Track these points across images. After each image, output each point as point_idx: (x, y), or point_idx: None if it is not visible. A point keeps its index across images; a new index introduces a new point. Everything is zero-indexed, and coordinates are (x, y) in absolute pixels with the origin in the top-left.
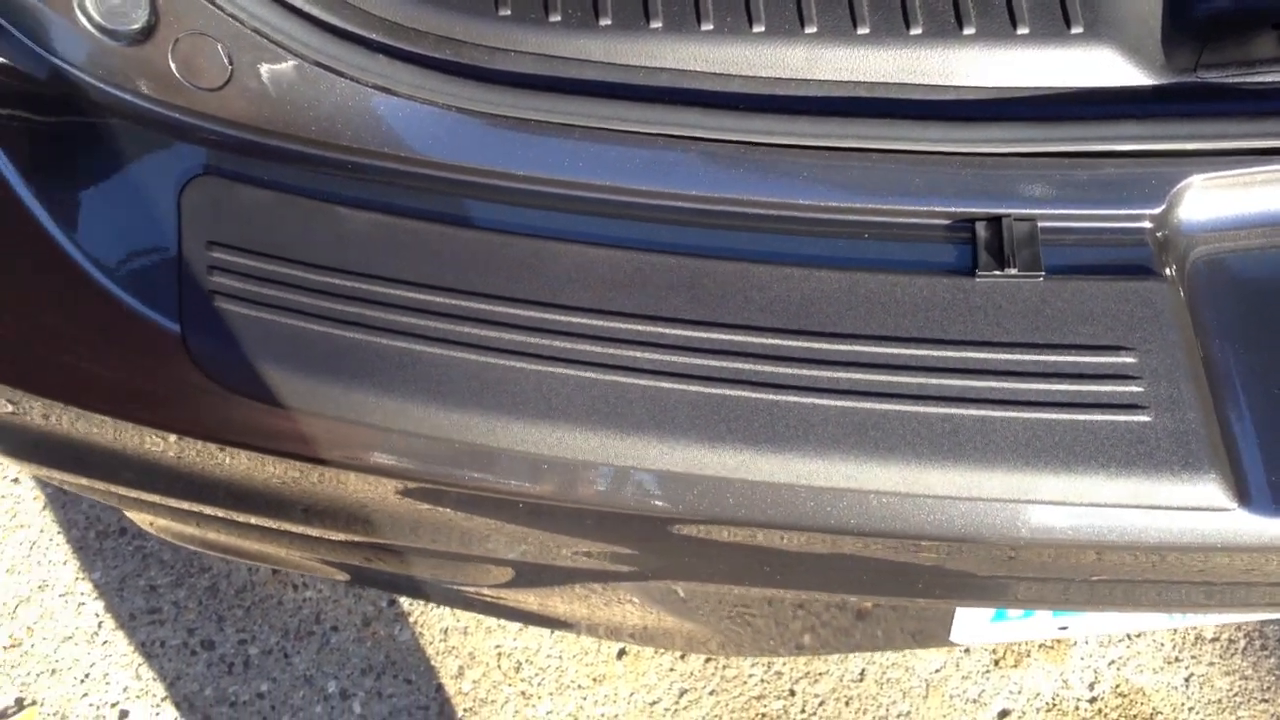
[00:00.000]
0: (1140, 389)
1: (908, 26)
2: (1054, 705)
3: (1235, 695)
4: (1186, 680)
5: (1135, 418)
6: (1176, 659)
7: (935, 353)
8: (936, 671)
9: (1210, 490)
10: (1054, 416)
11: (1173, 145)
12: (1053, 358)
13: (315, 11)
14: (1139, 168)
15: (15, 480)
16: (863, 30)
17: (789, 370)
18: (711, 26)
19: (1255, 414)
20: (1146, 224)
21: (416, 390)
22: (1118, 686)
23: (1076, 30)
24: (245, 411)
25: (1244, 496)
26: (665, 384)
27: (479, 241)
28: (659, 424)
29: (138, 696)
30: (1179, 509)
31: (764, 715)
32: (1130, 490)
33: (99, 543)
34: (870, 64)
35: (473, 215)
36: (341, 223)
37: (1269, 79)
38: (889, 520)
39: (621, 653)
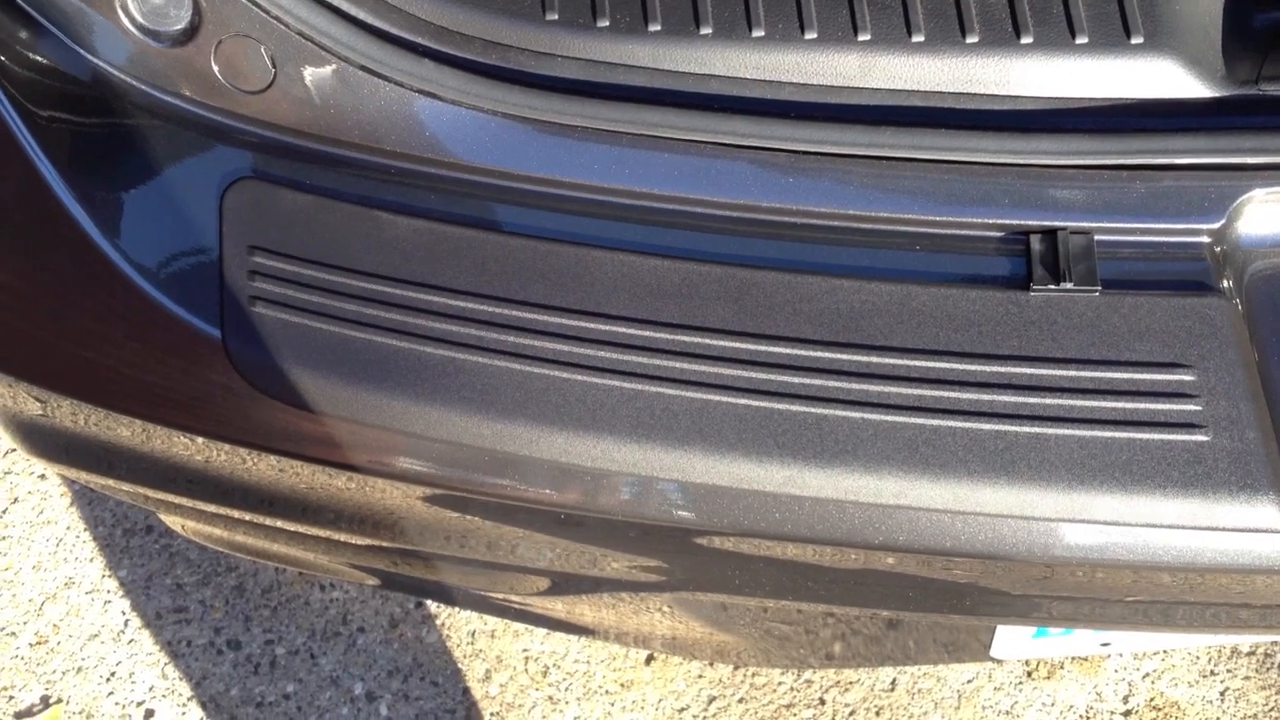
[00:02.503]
0: (1198, 407)
1: (964, 34)
2: (1087, 718)
3: (1271, 710)
4: (1222, 694)
5: (1192, 437)
6: (1212, 673)
7: (988, 368)
8: (969, 682)
9: (1269, 511)
10: (1109, 435)
11: (1233, 159)
12: (1108, 374)
13: (360, 14)
14: (1198, 181)
15: (42, 477)
16: (918, 38)
17: (838, 384)
18: (763, 33)
19: None
20: (1205, 238)
21: (458, 399)
22: (1152, 700)
23: (1136, 40)
24: (285, 417)
25: None
26: (711, 396)
27: (522, 249)
28: (705, 437)
29: (163, 695)
30: (1237, 530)
31: None
32: (1187, 511)
33: (126, 540)
34: (925, 72)
35: (516, 222)
36: (383, 228)
37: None
38: (940, 538)
39: (650, 658)
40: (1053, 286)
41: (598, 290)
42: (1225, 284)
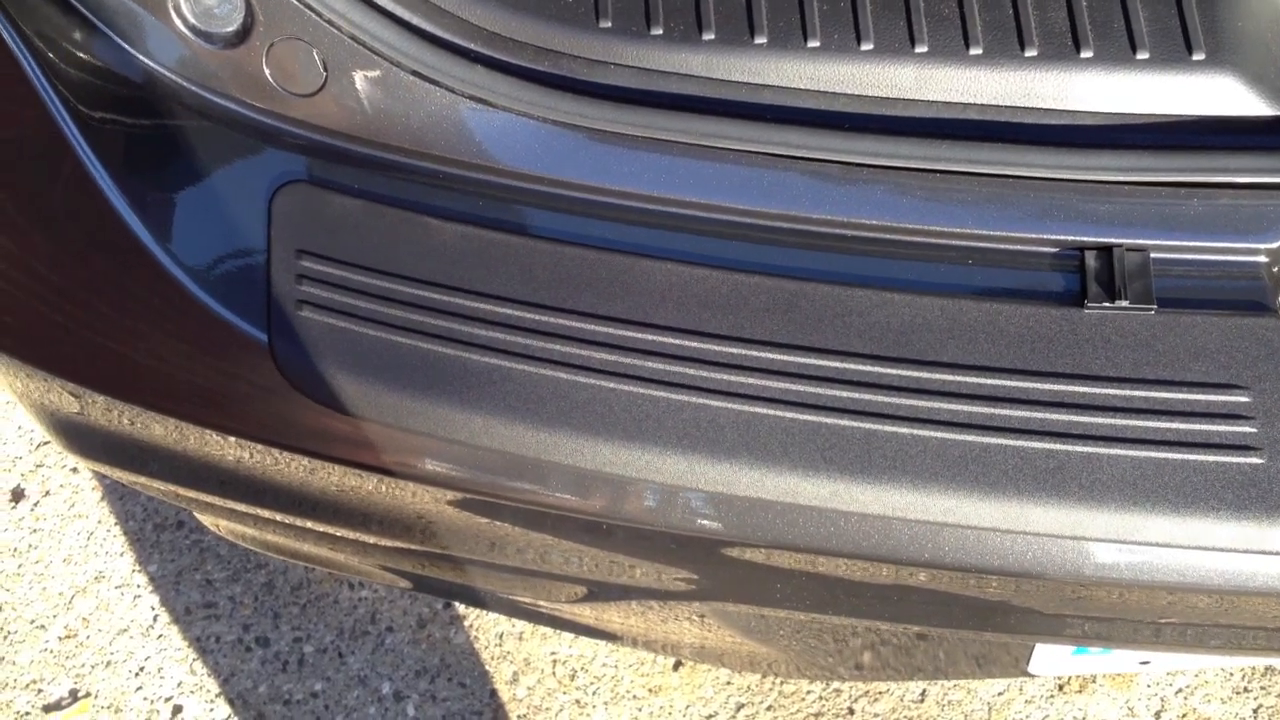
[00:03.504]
0: (1253, 429)
1: (1023, 48)
2: None
3: None
4: (1255, 711)
5: (1248, 459)
6: (1245, 689)
7: (1040, 385)
8: (1000, 695)
9: None
10: (1163, 455)
11: None
12: (1163, 394)
13: (413, 19)
14: (1256, 200)
15: (74, 470)
16: (975, 50)
17: (887, 399)
18: (818, 43)
19: None
20: (1263, 258)
21: (504, 408)
22: (1184, 716)
23: (1198, 57)
24: (330, 423)
25: None
26: (758, 409)
27: (570, 256)
28: (752, 450)
29: (192, 692)
30: None
31: None
32: (1241, 534)
33: (156, 535)
34: (982, 85)
35: (565, 230)
36: (432, 234)
37: None
38: (989, 557)
39: (677, 664)
40: (1108, 304)
41: (645, 300)
42: None
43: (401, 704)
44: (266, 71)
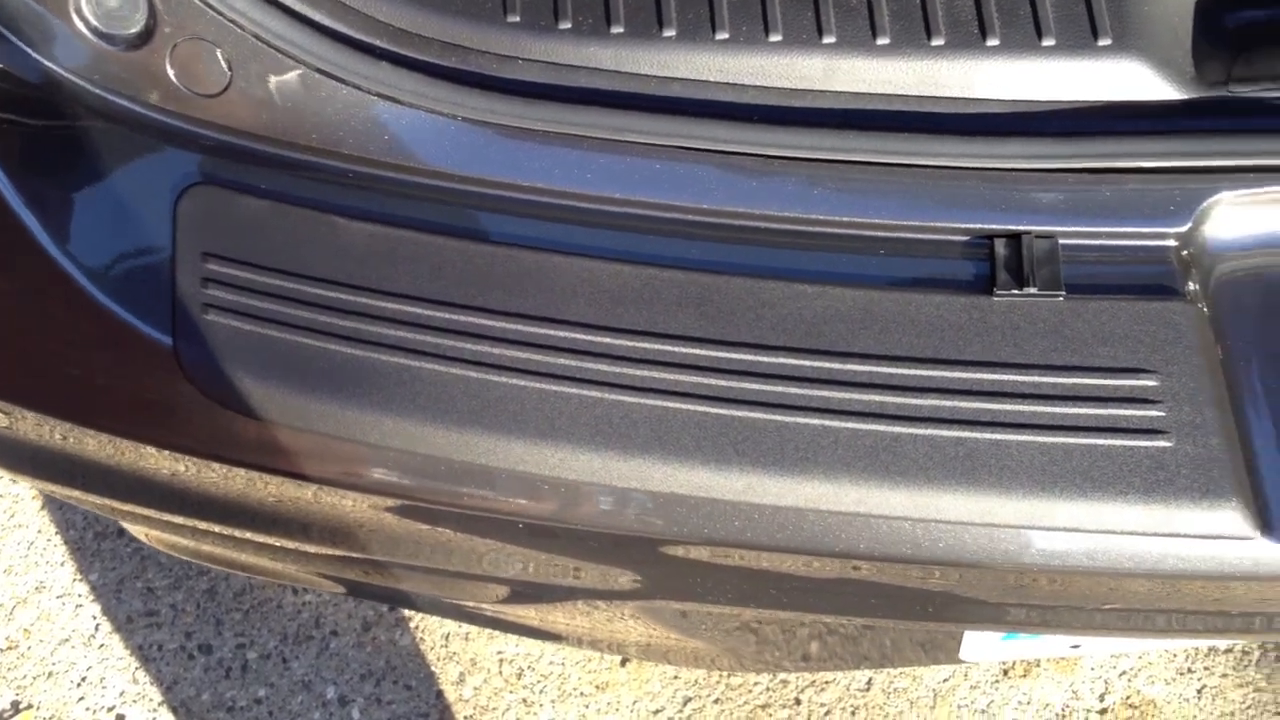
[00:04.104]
0: (1161, 413)
1: (929, 37)
2: (1063, 717)
3: (1249, 708)
4: (1199, 692)
5: (1156, 443)
6: (1189, 670)
7: (950, 374)
8: (944, 681)
9: (1231, 518)
10: (1072, 441)
11: (1200, 161)
12: (1071, 380)
13: (316, 16)
14: (1165, 184)
15: (14, 480)
16: (883, 40)
17: (799, 391)
18: (727, 35)
19: (1279, 439)
20: (1171, 242)
21: (414, 408)
22: (1128, 698)
23: (1104, 42)
24: (238, 427)
25: (1266, 525)
26: (672, 403)
27: (482, 254)
28: (664, 445)
29: (134, 701)
30: (1199, 537)
31: None
32: (1149, 517)
33: (97, 544)
34: (890, 75)
35: (476, 227)
36: (340, 234)
37: None
38: (900, 546)
39: (625, 660)
40: (1016, 291)
41: (558, 296)
42: (1191, 288)
43: (347, 708)
44: (170, 72)
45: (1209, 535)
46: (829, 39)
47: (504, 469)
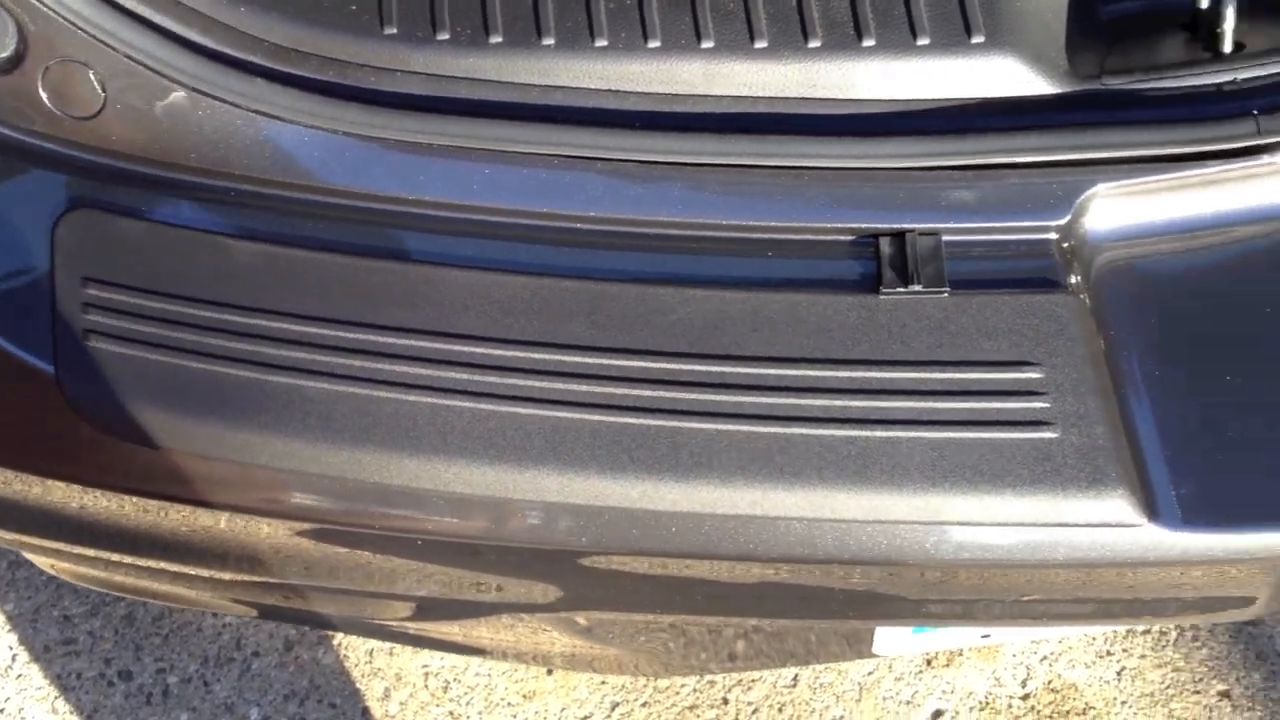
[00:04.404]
0: (1046, 405)
1: (806, 39)
2: (987, 704)
3: (1168, 688)
4: (1119, 674)
5: (1042, 434)
6: (1108, 653)
7: (840, 373)
8: (869, 674)
9: (1118, 506)
10: (960, 435)
11: (1077, 155)
12: (958, 375)
13: (189, 34)
14: (1043, 178)
15: None
16: (761, 44)
17: (692, 396)
18: (606, 43)
19: (1162, 426)
20: (1052, 235)
21: (303, 427)
22: (1050, 683)
23: (978, 40)
24: (124, 455)
25: (1153, 511)
26: (565, 414)
27: (369, 270)
28: (558, 455)
29: None
30: (1088, 526)
31: None
32: (1039, 508)
33: (11, 572)
34: (769, 78)
35: (362, 243)
36: (224, 254)
37: (1172, 84)
38: (797, 546)
39: (552, 668)
40: (902, 289)
41: (447, 309)
42: (1073, 279)
43: None
44: (43, 96)
45: (1098, 524)
46: (707, 43)
47: (398, 486)
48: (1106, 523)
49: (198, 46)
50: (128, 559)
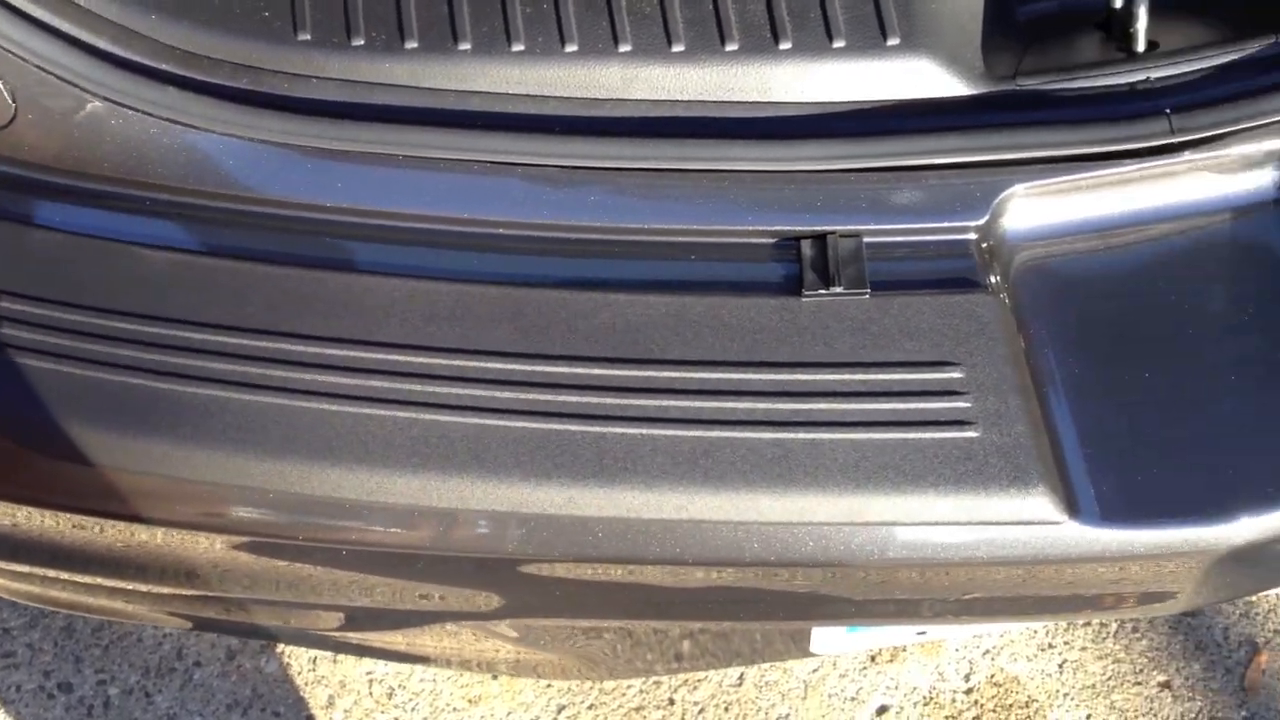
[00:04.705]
0: (967, 404)
1: (723, 42)
2: (931, 699)
3: (1109, 679)
4: (1060, 666)
5: (963, 434)
6: (1050, 645)
7: (763, 376)
8: (814, 672)
9: (1040, 503)
10: (883, 436)
11: (993, 155)
12: (880, 376)
13: (99, 43)
14: (961, 179)
15: None
16: (678, 47)
17: (616, 400)
18: (523, 47)
19: (1081, 424)
20: (971, 235)
21: (224, 439)
22: (993, 676)
23: (893, 41)
24: (42, 469)
25: (1074, 508)
26: (489, 420)
27: (288, 278)
28: (481, 462)
29: None
30: (1010, 524)
31: None
32: (961, 507)
33: None
34: (687, 82)
35: (281, 251)
36: (141, 264)
37: (1086, 84)
38: (722, 549)
39: (496, 674)
40: (823, 291)
41: (367, 317)
42: (992, 279)
43: None
44: None
45: (1020, 521)
46: (625, 47)
47: (319, 496)
48: (1028, 520)
49: (109, 55)
50: (63, 575)
